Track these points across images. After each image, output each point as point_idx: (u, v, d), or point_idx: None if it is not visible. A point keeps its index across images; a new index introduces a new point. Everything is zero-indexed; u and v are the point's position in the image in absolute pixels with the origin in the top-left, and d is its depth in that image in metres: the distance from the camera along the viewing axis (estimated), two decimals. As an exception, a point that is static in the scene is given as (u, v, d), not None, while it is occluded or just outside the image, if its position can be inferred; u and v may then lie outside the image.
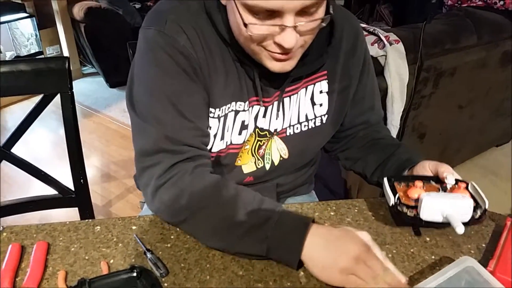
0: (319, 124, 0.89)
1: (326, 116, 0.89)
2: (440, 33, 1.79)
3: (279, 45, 0.67)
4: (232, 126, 0.82)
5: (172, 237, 0.75)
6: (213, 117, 0.80)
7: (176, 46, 0.73)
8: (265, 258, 0.69)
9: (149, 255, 0.70)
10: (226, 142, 0.83)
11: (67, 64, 1.00)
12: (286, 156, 0.90)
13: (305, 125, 0.88)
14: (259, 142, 0.87)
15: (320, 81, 0.87)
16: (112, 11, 3.16)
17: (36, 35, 3.29)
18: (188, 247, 0.73)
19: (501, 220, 0.80)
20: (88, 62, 3.64)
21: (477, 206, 0.72)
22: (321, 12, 0.68)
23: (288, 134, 0.88)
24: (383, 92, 1.62)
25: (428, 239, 0.76)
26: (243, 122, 0.82)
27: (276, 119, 0.85)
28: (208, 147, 0.81)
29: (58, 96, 1.02)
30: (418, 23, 1.78)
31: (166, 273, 0.68)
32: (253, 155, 0.88)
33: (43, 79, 1.01)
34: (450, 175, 0.74)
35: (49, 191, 1.12)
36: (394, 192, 0.75)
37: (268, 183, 0.95)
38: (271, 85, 0.81)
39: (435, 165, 0.79)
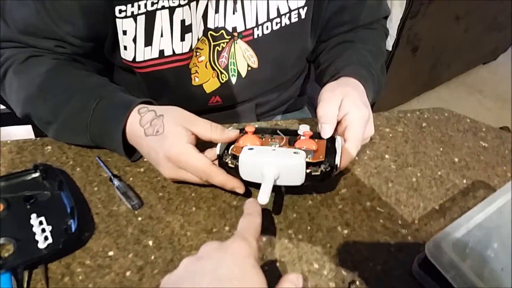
0: (296, 20, 0.69)
1: (306, 8, 0.68)
2: None
3: None
4: (169, 30, 0.62)
5: (145, 159, 0.59)
6: (125, 17, 0.59)
7: None
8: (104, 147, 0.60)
9: (116, 182, 0.55)
10: (162, 50, 0.63)
11: None
12: (255, 65, 0.71)
13: (277, 23, 0.68)
14: (216, 48, 0.67)
15: None
16: None
17: None
18: (167, 172, 0.58)
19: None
20: None
21: (323, 162, 0.51)
22: None
23: (256, 36, 0.68)
24: (381, -4, 1.43)
25: (456, 159, 0.63)
26: (182, 22, 0.62)
27: (234, 13, 0.65)
28: (130, 57, 0.63)
29: None
30: None
31: (139, 204, 0.53)
32: (213, 68, 0.68)
33: None
34: (303, 125, 0.56)
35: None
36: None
37: (245, 105, 0.77)
38: None
39: (320, 99, 0.58)
